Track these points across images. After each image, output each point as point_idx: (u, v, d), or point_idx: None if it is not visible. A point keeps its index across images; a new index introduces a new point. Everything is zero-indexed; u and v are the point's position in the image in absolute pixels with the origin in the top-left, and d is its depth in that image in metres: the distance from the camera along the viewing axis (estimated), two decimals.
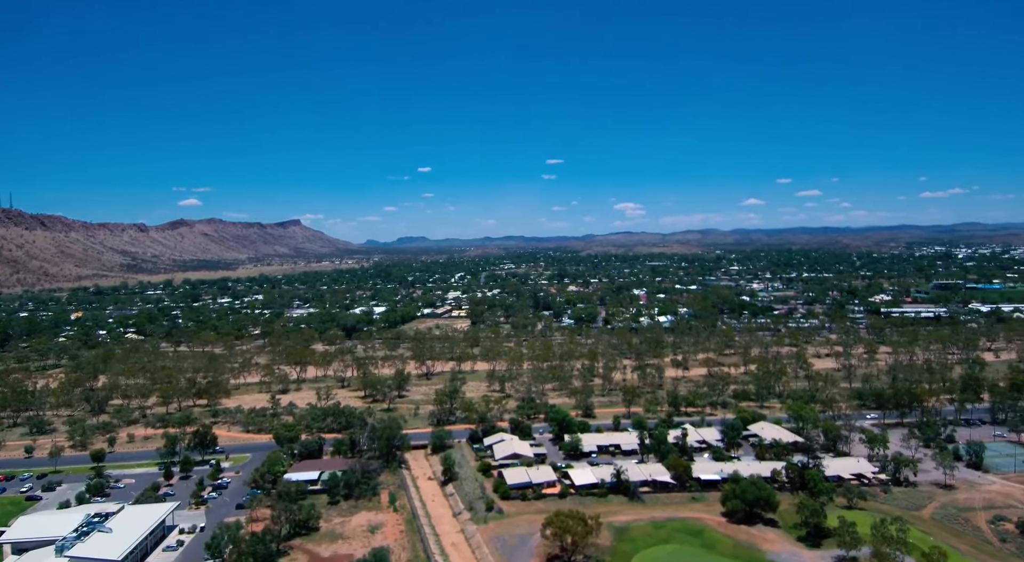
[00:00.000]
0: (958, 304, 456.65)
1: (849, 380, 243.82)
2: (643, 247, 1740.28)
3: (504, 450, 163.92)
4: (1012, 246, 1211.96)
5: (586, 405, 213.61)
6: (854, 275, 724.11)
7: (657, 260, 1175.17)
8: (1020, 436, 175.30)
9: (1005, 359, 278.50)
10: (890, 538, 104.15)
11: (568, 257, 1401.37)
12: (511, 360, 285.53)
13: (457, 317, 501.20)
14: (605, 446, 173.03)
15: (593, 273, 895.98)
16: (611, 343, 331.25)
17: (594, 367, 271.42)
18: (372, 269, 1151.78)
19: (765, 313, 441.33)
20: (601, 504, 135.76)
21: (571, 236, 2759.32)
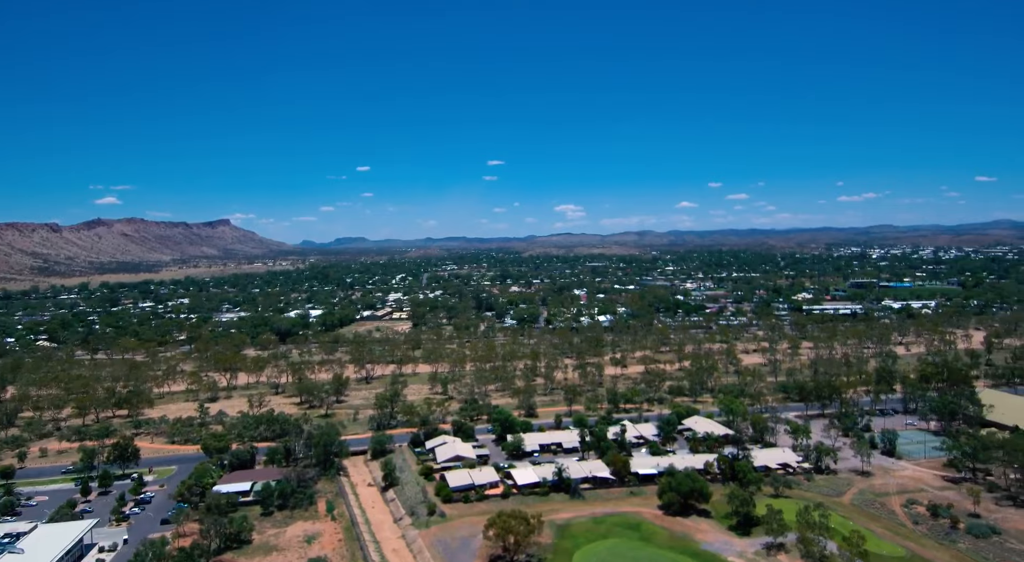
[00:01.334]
0: (872, 301, 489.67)
1: (775, 374, 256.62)
2: (583, 248, 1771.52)
3: (446, 453, 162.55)
4: (920, 247, 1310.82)
5: (528, 405, 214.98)
6: (779, 274, 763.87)
7: (597, 261, 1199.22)
8: (929, 424, 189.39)
9: (915, 352, 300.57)
10: (814, 524, 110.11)
11: (510, 258, 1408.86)
12: (453, 362, 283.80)
13: (398, 319, 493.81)
14: (547, 445, 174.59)
15: (535, 274, 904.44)
16: (553, 343, 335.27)
17: (536, 367, 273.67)
18: (308, 271, 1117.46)
19: (698, 311, 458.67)
20: (543, 503, 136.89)
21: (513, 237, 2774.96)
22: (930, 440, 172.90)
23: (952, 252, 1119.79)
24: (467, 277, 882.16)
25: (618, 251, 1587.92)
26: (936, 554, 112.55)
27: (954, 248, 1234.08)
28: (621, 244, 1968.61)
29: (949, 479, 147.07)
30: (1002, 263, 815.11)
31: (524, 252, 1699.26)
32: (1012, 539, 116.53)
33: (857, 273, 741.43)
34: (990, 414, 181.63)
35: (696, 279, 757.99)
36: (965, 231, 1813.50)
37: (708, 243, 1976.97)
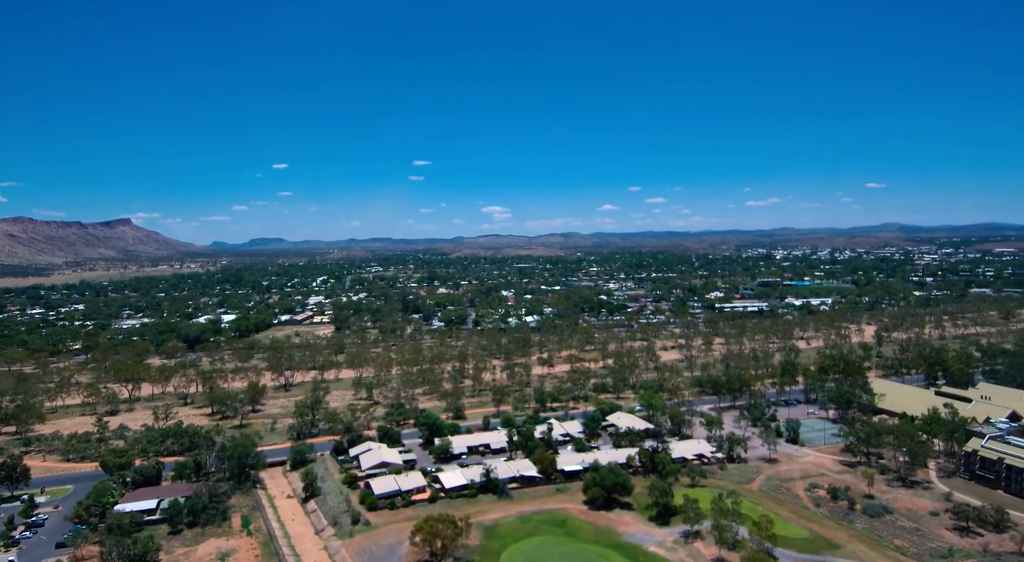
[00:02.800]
0: (777, 299, 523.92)
1: (691, 369, 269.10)
2: (511, 249, 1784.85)
3: (371, 459, 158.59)
4: (819, 248, 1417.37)
5: (457, 407, 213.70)
6: (694, 275, 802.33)
7: (524, 262, 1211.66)
8: (828, 413, 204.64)
9: (815, 346, 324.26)
10: (726, 511, 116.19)
11: (438, 259, 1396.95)
12: (379, 366, 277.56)
13: (319, 323, 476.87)
14: (475, 446, 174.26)
15: (463, 275, 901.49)
16: (481, 344, 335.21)
17: (464, 369, 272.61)
18: (220, 273, 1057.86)
19: (620, 311, 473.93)
20: (471, 505, 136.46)
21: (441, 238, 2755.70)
22: (829, 428, 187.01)
23: (847, 253, 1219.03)
24: (393, 279, 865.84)
25: (544, 252, 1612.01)
26: (836, 534, 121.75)
27: (848, 249, 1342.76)
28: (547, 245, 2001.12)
29: (846, 463, 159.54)
30: (890, 263, 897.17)
31: (452, 253, 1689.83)
32: (902, 518, 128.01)
33: (763, 273, 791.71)
34: (881, 402, 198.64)
35: (618, 279, 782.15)
36: (858, 234, 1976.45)
37: (630, 245, 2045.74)
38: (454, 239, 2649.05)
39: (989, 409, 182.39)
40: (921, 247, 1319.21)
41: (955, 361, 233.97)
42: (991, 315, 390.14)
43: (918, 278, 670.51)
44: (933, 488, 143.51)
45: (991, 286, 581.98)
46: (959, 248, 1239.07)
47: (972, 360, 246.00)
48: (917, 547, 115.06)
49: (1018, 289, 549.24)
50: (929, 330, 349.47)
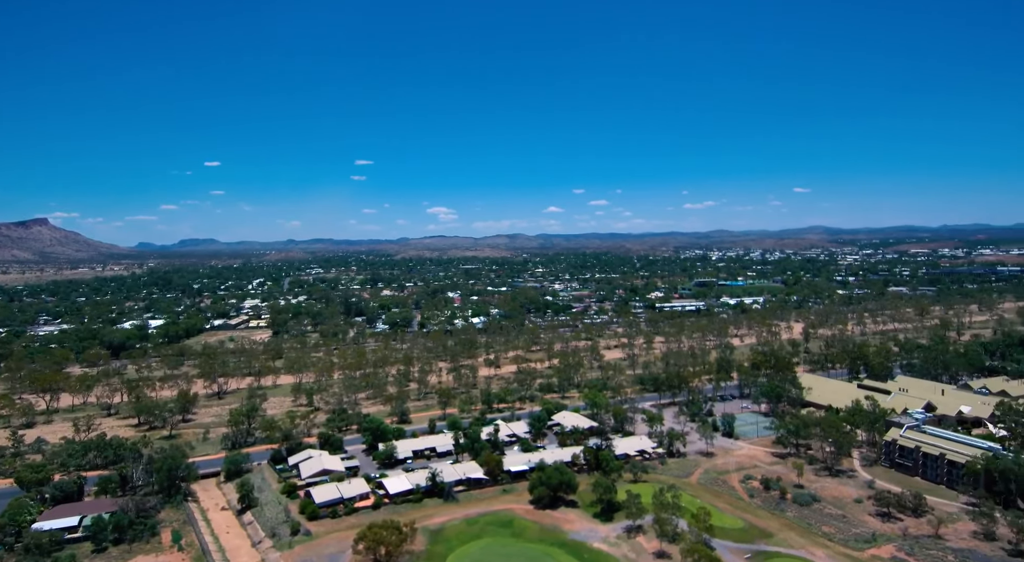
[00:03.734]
0: (713, 298, 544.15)
1: (633, 367, 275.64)
2: (457, 251, 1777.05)
3: (312, 467, 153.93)
4: (751, 250, 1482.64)
5: (402, 411, 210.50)
6: (635, 275, 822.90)
7: (470, 263, 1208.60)
8: (760, 407, 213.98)
9: (748, 343, 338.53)
10: (667, 505, 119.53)
11: (382, 261, 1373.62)
12: (320, 371, 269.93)
13: (256, 328, 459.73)
14: (421, 450, 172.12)
15: (408, 277, 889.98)
16: (427, 346, 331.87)
17: (409, 372, 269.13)
18: (147, 276, 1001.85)
19: (565, 311, 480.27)
20: (416, 510, 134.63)
21: (385, 239, 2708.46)
22: (761, 421, 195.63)
23: (776, 254, 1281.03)
24: (335, 281, 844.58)
25: (490, 254, 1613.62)
26: (768, 523, 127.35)
27: (778, 251, 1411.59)
28: (493, 247, 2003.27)
29: (778, 455, 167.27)
30: (816, 263, 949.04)
31: (396, 254, 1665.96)
32: (829, 505, 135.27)
33: (700, 273, 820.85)
34: (808, 395, 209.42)
35: (564, 280, 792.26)
36: (787, 235, 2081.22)
37: (574, 246, 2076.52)
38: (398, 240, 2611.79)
39: (907, 400, 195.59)
40: (844, 248, 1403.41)
41: (875, 356, 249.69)
42: (907, 312, 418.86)
43: (841, 278, 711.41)
44: (857, 476, 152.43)
45: (907, 285, 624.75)
46: (878, 249, 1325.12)
47: (891, 355, 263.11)
48: (843, 533, 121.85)
49: (931, 287, 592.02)
50: (851, 327, 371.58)
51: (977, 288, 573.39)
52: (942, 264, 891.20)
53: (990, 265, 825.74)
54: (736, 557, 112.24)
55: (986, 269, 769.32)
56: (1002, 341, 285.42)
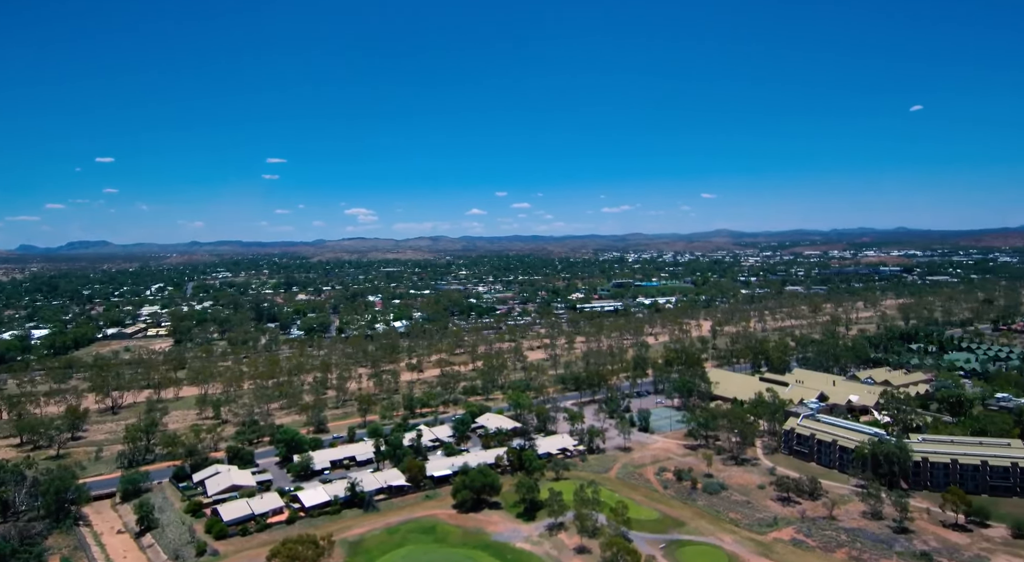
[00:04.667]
0: (630, 299, 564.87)
1: (555, 367, 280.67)
2: (378, 253, 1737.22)
3: (219, 484, 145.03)
4: (664, 252, 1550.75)
5: (319, 420, 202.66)
6: (557, 277, 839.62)
7: (392, 266, 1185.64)
8: (673, 401, 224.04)
9: (661, 340, 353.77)
10: (587, 500, 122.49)
11: (297, 264, 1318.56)
12: (228, 381, 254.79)
13: (155, 336, 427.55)
14: (339, 460, 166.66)
15: (325, 280, 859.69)
16: (346, 352, 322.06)
17: (327, 379, 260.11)
18: (29, 281, 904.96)
19: (489, 313, 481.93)
20: (335, 521, 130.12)
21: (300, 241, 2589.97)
22: (674, 415, 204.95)
23: (687, 256, 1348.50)
24: (244, 285, 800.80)
25: (413, 256, 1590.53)
26: (681, 512, 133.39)
27: (688, 253, 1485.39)
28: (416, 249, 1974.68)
29: (689, 447, 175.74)
30: (722, 265, 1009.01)
31: (312, 257, 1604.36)
32: (736, 492, 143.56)
33: (618, 274, 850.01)
34: (716, 389, 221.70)
35: (487, 282, 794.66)
36: (696, 238, 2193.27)
37: (497, 248, 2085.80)
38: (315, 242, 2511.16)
39: (803, 391, 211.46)
40: (746, 250, 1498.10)
41: (775, 351, 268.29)
42: (802, 309, 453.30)
43: (744, 278, 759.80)
44: (760, 464, 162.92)
45: (802, 284, 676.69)
46: (776, 251, 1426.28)
47: (788, 349, 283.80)
48: (748, 518, 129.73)
49: (823, 286, 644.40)
50: (754, 324, 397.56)
51: (863, 287, 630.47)
52: (832, 265, 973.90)
53: (873, 266, 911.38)
54: (652, 547, 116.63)
55: (870, 269, 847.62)
56: (884, 335, 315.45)
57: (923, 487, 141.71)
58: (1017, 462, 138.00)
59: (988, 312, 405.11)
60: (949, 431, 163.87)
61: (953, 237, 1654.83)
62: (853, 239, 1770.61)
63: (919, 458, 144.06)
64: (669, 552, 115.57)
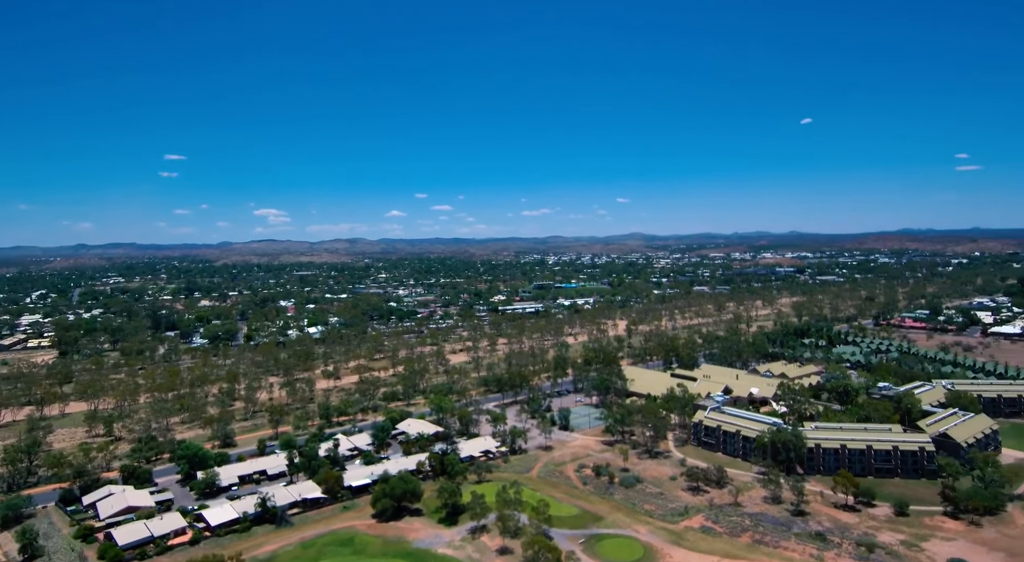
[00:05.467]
0: (550, 300, 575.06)
1: (478, 370, 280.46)
2: (290, 256, 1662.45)
3: (113, 506, 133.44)
4: (582, 254, 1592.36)
5: (225, 433, 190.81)
6: (479, 279, 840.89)
7: (306, 269, 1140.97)
8: (592, 399, 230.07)
9: (581, 340, 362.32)
10: (510, 501, 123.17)
11: (199, 267, 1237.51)
12: (122, 395, 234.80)
13: (37, 348, 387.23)
14: (249, 475, 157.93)
15: (232, 285, 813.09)
16: (255, 361, 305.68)
17: (235, 389, 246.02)
18: None
19: (410, 317, 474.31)
20: (244, 539, 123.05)
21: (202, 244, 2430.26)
22: (593, 412, 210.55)
23: (604, 258, 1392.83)
24: (140, 291, 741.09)
25: (329, 259, 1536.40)
26: (599, 507, 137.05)
27: (604, 255, 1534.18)
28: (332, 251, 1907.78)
29: (607, 443, 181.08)
30: (636, 267, 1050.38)
31: (217, 260, 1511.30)
32: (650, 485, 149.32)
33: (539, 276, 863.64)
34: (632, 386, 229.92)
35: (408, 285, 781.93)
36: (612, 241, 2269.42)
37: (418, 251, 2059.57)
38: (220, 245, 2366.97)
39: (709, 385, 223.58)
40: (658, 253, 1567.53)
41: (684, 347, 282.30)
42: (709, 308, 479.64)
43: (656, 279, 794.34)
44: (672, 456, 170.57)
45: (708, 284, 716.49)
46: (685, 253, 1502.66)
47: (696, 346, 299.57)
48: (662, 509, 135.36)
49: (727, 286, 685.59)
50: (665, 322, 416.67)
51: (761, 286, 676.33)
52: (734, 266, 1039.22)
53: (770, 267, 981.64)
54: (572, 543, 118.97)
55: (767, 270, 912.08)
56: (781, 331, 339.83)
57: (817, 471, 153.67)
58: (898, 445, 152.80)
59: (870, 308, 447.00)
60: (838, 419, 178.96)
61: (839, 240, 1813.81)
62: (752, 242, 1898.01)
63: (812, 445, 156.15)
64: (588, 547, 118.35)
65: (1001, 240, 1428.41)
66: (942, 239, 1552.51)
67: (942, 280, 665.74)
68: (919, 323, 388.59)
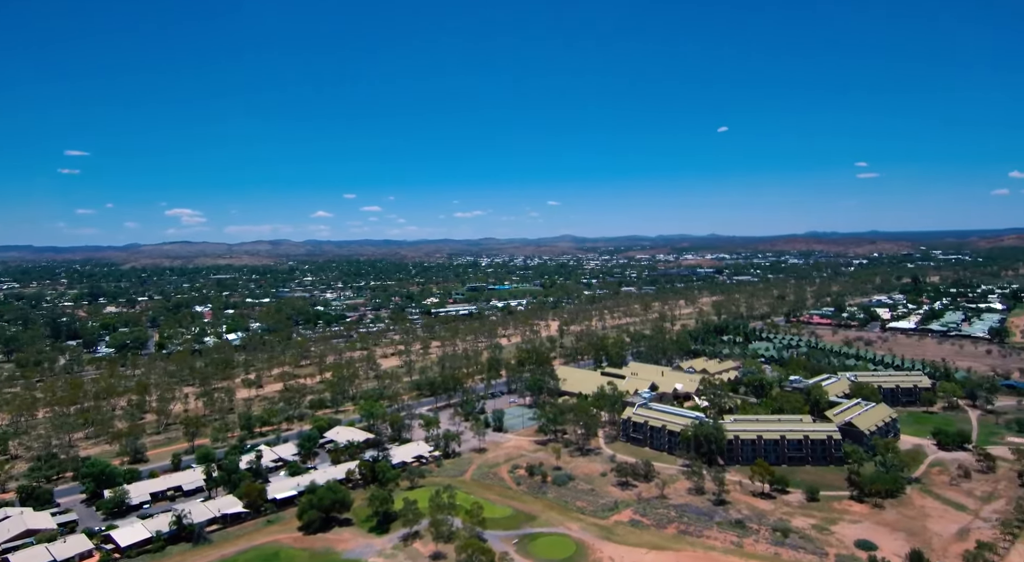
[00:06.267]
0: (484, 302, 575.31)
1: (411, 374, 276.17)
2: (206, 258, 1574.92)
3: (9, 530, 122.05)
4: (515, 256, 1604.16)
5: (135, 448, 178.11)
6: (411, 281, 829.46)
7: (224, 272, 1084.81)
8: (525, 399, 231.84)
9: (514, 342, 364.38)
10: (443, 506, 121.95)
11: (104, 271, 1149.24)
12: (17, 409, 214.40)
13: None
14: (163, 492, 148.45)
15: (141, 290, 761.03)
16: (168, 370, 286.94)
17: (145, 401, 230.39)
18: None
19: (338, 321, 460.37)
20: (158, 560, 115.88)
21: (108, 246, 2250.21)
22: (527, 413, 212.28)
23: (536, 260, 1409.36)
24: (36, 297, 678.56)
25: (250, 261, 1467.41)
26: (532, 506, 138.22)
27: (537, 257, 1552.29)
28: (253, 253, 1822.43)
29: (540, 442, 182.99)
30: (567, 268, 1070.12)
31: (124, 264, 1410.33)
32: (582, 482, 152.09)
33: (472, 278, 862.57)
34: (564, 385, 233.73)
35: (336, 289, 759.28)
36: (543, 243, 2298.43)
37: (346, 253, 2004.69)
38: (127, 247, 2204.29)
39: (637, 383, 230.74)
40: (588, 254, 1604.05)
41: (613, 346, 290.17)
42: (636, 308, 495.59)
43: (587, 280, 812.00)
44: (602, 453, 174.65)
45: (635, 285, 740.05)
46: (613, 255, 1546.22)
47: (624, 345, 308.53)
48: (593, 505, 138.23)
49: (652, 286, 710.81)
50: (595, 322, 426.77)
51: (684, 286, 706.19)
52: (659, 267, 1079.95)
53: (692, 268, 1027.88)
54: (505, 544, 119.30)
55: (689, 271, 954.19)
56: (702, 329, 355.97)
57: (736, 462, 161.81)
58: (808, 435, 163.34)
59: (782, 306, 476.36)
60: (755, 411, 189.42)
61: (754, 242, 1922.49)
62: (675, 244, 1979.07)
63: (732, 436, 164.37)
64: (522, 546, 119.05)
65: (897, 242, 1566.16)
66: (845, 241, 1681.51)
67: (845, 279, 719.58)
68: (825, 320, 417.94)
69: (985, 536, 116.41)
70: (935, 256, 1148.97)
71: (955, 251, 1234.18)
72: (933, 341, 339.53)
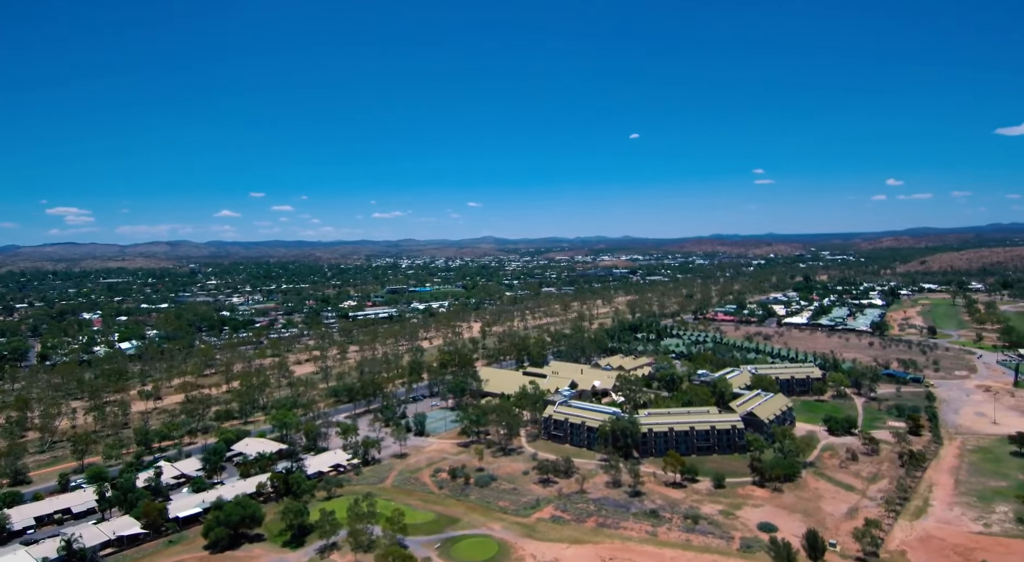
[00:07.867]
0: (404, 304, 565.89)
1: (327, 380, 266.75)
2: (95, 261, 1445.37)
3: None
4: (436, 257, 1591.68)
5: (15, 469, 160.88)
6: (327, 284, 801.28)
7: (116, 276, 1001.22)
8: (448, 402, 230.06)
9: (436, 344, 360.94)
10: (362, 514, 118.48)
11: None
12: None
13: None
14: (49, 515, 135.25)
15: (19, 296, 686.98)
16: (53, 383, 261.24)
17: (26, 418, 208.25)
18: None
19: (247, 327, 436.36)
20: None
21: None
22: (449, 415, 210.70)
23: (457, 261, 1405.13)
24: None
25: (145, 264, 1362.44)
26: (455, 509, 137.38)
27: (458, 258, 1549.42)
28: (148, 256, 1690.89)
29: (463, 444, 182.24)
30: (489, 269, 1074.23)
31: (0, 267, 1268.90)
32: (504, 482, 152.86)
33: (392, 280, 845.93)
34: (487, 386, 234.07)
35: (244, 293, 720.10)
36: (465, 245, 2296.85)
37: (255, 255, 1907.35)
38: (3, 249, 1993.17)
39: (558, 381, 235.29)
40: (510, 256, 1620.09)
41: (535, 346, 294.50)
42: (556, 308, 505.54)
43: (508, 281, 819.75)
44: (524, 451, 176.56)
45: (555, 285, 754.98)
46: (534, 256, 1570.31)
47: (545, 344, 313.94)
48: (515, 504, 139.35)
49: (571, 287, 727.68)
50: (517, 323, 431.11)
51: (601, 286, 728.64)
52: (577, 268, 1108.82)
53: (608, 268, 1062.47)
54: (427, 549, 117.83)
55: (606, 272, 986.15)
56: (618, 327, 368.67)
57: (650, 454, 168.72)
58: (715, 425, 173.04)
59: (690, 305, 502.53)
60: (666, 404, 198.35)
61: (664, 244, 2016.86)
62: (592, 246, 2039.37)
63: (646, 429, 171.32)
64: (444, 550, 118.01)
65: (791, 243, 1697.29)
66: (746, 243, 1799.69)
67: (746, 279, 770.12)
68: (729, 316, 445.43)
69: (872, 514, 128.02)
70: (824, 257, 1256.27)
71: (841, 252, 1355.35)
72: (823, 335, 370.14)
